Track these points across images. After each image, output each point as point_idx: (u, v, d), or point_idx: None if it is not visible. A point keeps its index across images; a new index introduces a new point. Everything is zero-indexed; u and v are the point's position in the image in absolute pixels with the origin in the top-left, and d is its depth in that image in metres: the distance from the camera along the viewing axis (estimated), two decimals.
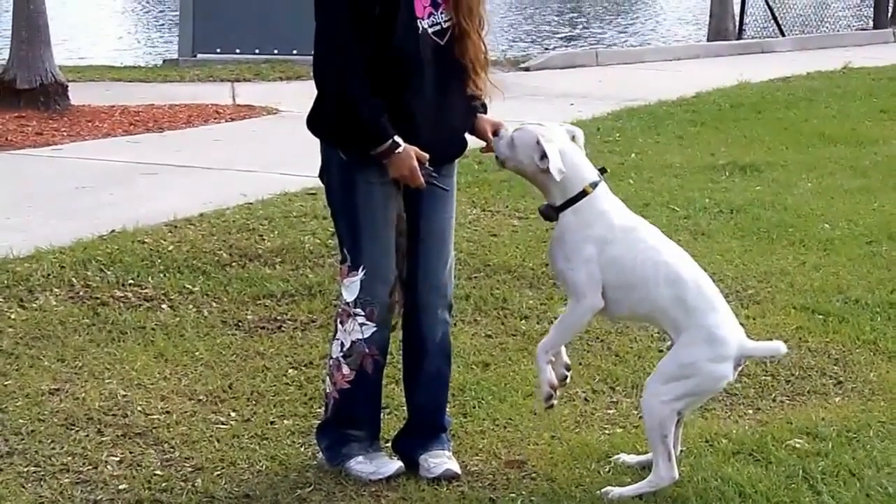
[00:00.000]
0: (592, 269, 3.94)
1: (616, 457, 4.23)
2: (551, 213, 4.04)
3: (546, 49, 19.33)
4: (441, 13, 3.95)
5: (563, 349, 4.16)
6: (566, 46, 20.43)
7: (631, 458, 4.21)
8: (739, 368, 4.02)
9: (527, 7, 29.73)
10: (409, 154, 3.89)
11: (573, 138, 4.08)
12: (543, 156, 3.94)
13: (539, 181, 4.04)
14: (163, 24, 24.17)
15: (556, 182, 3.96)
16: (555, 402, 4.11)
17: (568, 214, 3.99)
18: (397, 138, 3.88)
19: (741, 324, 4.10)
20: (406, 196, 4.01)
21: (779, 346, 4.03)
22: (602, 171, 4.09)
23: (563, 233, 4.01)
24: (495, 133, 4.09)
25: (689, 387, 3.93)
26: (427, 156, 3.93)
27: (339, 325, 4.08)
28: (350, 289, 4.02)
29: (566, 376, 4.17)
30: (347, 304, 4.04)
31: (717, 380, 3.95)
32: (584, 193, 3.98)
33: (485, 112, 4.16)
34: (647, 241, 3.99)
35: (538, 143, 3.97)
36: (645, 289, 3.95)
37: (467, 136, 4.15)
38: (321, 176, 4.11)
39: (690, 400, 3.99)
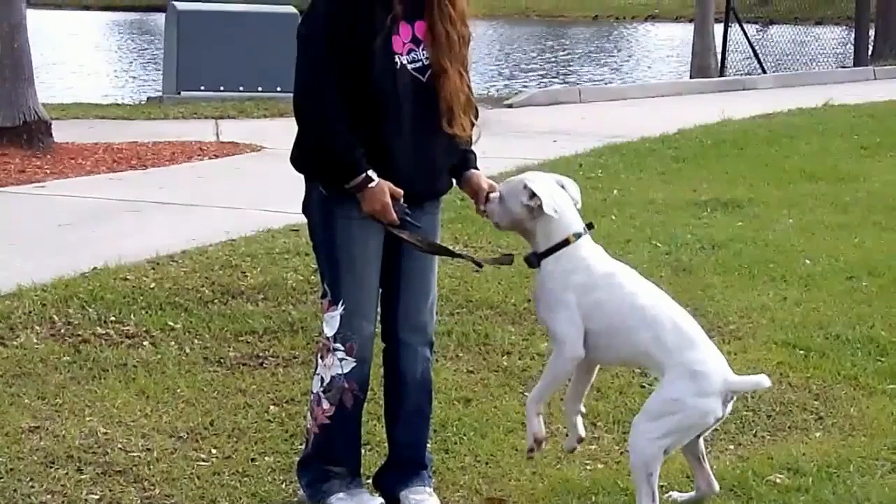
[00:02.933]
0: (573, 317, 3.94)
1: (667, 495, 4.18)
2: (533, 260, 4.04)
3: (541, 86, 19.45)
4: (422, 50, 3.95)
5: (580, 421, 4.21)
6: (566, 84, 20.55)
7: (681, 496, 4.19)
8: (729, 405, 4.01)
9: (521, 45, 29.92)
10: (382, 189, 3.90)
11: (562, 187, 4.08)
12: (532, 195, 3.95)
13: (527, 227, 4.02)
14: (156, 62, 24.18)
15: (543, 226, 3.96)
16: (536, 454, 4.14)
17: (549, 262, 3.99)
18: (371, 173, 3.88)
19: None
20: (388, 234, 4.01)
21: (762, 380, 4.02)
22: (590, 226, 4.08)
23: (543, 281, 4.01)
24: (488, 198, 4.07)
25: (674, 423, 3.91)
26: (401, 192, 3.94)
27: (320, 360, 4.08)
28: (330, 323, 4.02)
29: (575, 448, 4.26)
30: (328, 338, 4.04)
31: (703, 415, 3.93)
32: (566, 242, 3.99)
33: (475, 163, 4.15)
34: (625, 286, 3.99)
35: (525, 186, 3.98)
36: (626, 333, 3.96)
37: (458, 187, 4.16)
38: (304, 210, 4.12)
39: (678, 437, 3.96)
